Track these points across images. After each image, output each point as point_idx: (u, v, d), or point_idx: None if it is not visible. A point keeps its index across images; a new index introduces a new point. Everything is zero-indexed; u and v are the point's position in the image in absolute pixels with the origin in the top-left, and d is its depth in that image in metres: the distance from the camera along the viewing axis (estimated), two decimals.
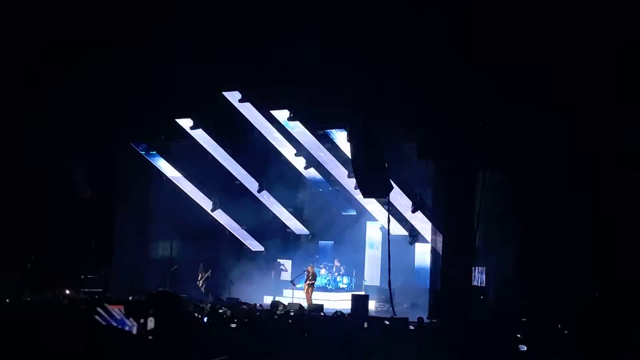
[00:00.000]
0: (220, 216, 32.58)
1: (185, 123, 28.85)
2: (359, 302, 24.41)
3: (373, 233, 31.36)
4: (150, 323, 5.39)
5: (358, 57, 22.38)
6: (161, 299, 5.30)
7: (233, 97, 26.78)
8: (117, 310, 5.73)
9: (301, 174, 29.59)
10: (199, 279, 30.75)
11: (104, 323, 5.05)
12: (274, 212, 32.16)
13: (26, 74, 25.73)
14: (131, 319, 5.28)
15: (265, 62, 24.29)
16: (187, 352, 5.05)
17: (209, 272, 30.71)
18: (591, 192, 20.18)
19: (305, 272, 27.83)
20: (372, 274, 30.92)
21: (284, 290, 29.59)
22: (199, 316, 16.21)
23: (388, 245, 24.75)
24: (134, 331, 5.23)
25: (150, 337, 5.29)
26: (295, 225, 32.59)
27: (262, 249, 33.32)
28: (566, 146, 20.34)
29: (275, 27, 22.93)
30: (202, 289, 30.18)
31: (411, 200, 27.10)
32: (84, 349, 4.50)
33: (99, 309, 5.30)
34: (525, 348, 14.19)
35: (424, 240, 27.90)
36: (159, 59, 25.40)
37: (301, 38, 23.28)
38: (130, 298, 21.23)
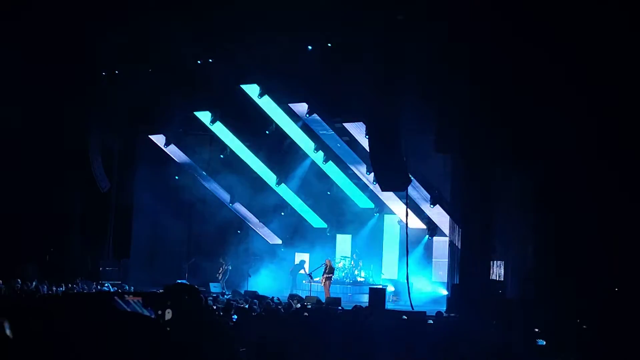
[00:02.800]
0: (239, 209, 32.63)
1: (204, 116, 28.93)
2: (377, 296, 24.38)
3: (391, 226, 31.30)
4: (168, 314, 5.40)
5: (377, 49, 22.33)
6: (179, 290, 5.30)
7: (252, 90, 26.80)
8: (135, 301, 5.74)
9: (319, 167, 29.60)
10: (219, 272, 30.81)
11: (121, 309, 5.08)
12: (292, 205, 32.18)
13: (44, 67, 25.81)
14: (149, 309, 5.30)
15: (284, 56, 24.27)
16: (204, 344, 5.05)
17: (229, 265, 30.78)
18: (613, 187, 20.02)
19: (323, 265, 27.82)
20: (390, 268, 30.88)
21: (302, 284, 29.61)
22: (215, 308, 16.23)
23: (406, 238, 24.71)
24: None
25: (168, 329, 5.29)
26: (313, 218, 32.60)
27: (280, 242, 33.36)
28: (588, 141, 20.18)
29: (293, 22, 22.87)
30: (222, 282, 30.25)
31: (429, 193, 27.03)
32: (103, 337, 4.51)
33: (117, 299, 5.31)
34: (544, 342, 14.12)
35: (442, 234, 27.83)
36: (177, 52, 25.44)
37: (318, 32, 23.25)
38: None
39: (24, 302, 14.31)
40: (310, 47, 23.62)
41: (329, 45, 23.27)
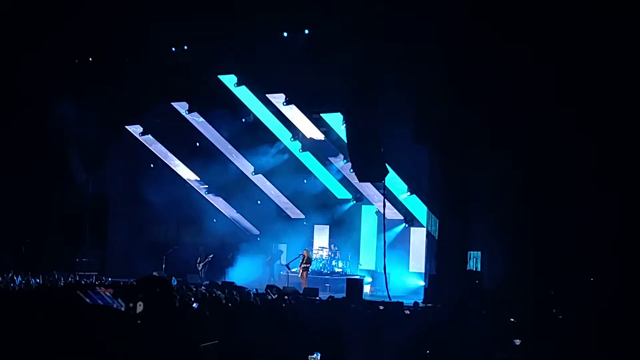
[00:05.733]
0: (215, 199, 32.50)
1: (181, 106, 28.77)
2: (354, 286, 24.34)
3: (368, 217, 31.31)
4: (139, 307, 5.33)
5: (354, 39, 22.28)
6: (150, 283, 5.23)
7: (229, 80, 26.67)
8: (107, 294, 5.68)
9: (296, 157, 29.51)
10: (198, 262, 30.69)
11: (90, 302, 5.01)
12: (270, 195, 32.09)
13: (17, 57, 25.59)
14: (119, 299, 5.24)
15: (261, 46, 24.16)
16: (177, 336, 4.99)
17: (209, 256, 30.66)
18: (591, 177, 20.11)
19: (301, 256, 27.78)
20: (368, 258, 30.90)
21: (280, 274, 29.55)
22: (192, 300, 16.14)
23: (384, 229, 24.72)
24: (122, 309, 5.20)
25: (139, 322, 5.22)
26: (290, 209, 32.53)
27: (257, 232, 33.27)
28: (567, 131, 20.24)
29: (270, 10, 22.77)
30: (201, 273, 30.14)
31: (407, 184, 27.03)
32: (74, 330, 4.44)
33: (89, 292, 5.23)
34: (519, 342, 14.12)
35: (420, 225, 27.86)
36: (155, 43, 25.26)
37: (296, 21, 23.17)
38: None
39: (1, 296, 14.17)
40: (286, 34, 23.51)
41: (306, 32, 23.19)
